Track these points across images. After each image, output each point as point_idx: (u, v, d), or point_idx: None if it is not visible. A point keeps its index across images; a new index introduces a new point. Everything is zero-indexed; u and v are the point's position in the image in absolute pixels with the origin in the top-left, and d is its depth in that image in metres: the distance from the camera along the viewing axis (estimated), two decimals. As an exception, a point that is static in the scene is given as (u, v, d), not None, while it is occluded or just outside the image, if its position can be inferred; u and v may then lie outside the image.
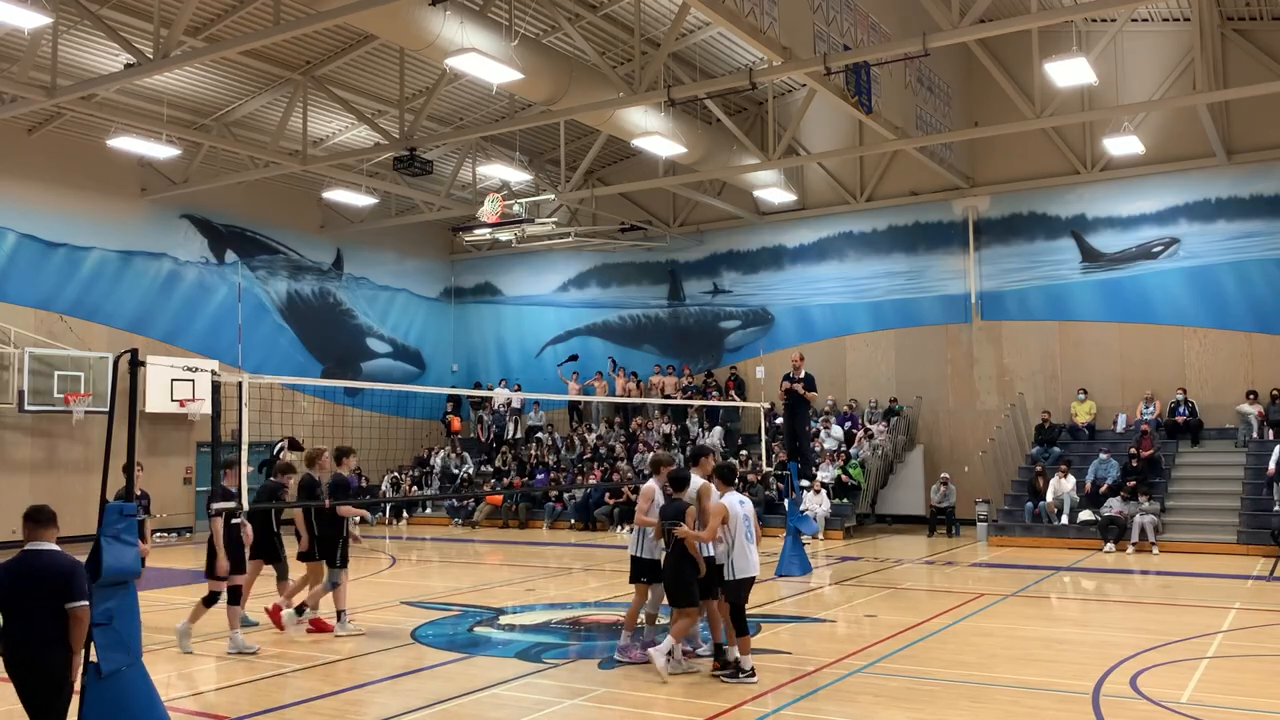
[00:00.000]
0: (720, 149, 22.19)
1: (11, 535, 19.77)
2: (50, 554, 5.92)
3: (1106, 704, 7.95)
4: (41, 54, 17.25)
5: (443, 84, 20.43)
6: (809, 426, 18.90)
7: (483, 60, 15.10)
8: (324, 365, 27.77)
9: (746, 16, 14.10)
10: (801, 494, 17.97)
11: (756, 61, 21.19)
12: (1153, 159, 21.91)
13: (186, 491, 24.17)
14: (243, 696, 8.73)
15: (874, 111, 17.59)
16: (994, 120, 21.24)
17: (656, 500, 9.55)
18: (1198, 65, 18.06)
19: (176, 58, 16.10)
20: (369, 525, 26.10)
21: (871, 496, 23.34)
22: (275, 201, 26.61)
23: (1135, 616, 12.31)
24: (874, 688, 8.60)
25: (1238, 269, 21.60)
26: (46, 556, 5.90)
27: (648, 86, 16.91)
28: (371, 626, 11.82)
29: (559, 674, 9.36)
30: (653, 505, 9.55)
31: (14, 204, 21.63)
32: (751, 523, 8.98)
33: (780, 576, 15.40)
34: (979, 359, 24.12)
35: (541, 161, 27.27)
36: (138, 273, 23.79)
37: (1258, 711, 7.93)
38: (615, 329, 29.17)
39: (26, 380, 20.91)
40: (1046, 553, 18.34)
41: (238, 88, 21.78)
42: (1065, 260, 23.25)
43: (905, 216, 25.08)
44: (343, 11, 13.63)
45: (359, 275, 29.03)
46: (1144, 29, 21.86)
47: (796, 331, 26.16)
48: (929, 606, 12.70)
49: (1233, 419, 21.09)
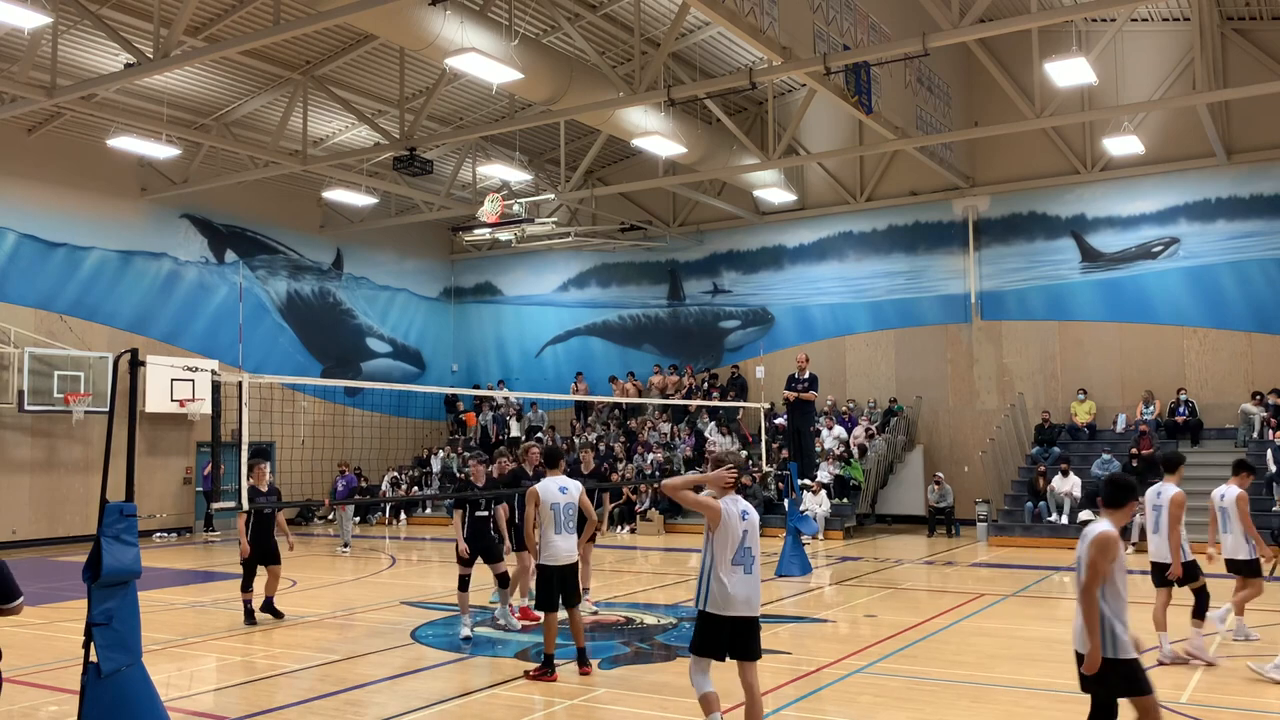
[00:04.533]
0: (720, 149, 22.19)
1: (12, 535, 19.78)
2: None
3: (1106, 704, 7.93)
4: (41, 54, 17.26)
5: (443, 84, 20.43)
6: (812, 426, 18.90)
7: (483, 60, 15.10)
8: (324, 365, 27.78)
9: (746, 16, 14.10)
10: (801, 494, 17.97)
11: (756, 61, 21.19)
12: (1153, 159, 21.92)
13: (186, 491, 24.16)
14: (243, 696, 8.73)
15: (874, 111, 17.58)
16: (994, 120, 21.25)
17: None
18: (1198, 65, 18.06)
19: (176, 58, 16.09)
20: (368, 525, 26.12)
21: (871, 496, 23.34)
22: (275, 201, 26.62)
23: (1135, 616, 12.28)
24: (874, 688, 8.60)
25: (1237, 269, 21.60)
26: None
27: (648, 86, 16.91)
28: (371, 626, 11.83)
29: (559, 674, 9.35)
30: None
31: (14, 204, 21.63)
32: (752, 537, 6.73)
33: (780, 576, 15.41)
34: (979, 359, 24.13)
35: (541, 161, 27.27)
36: (138, 273, 23.79)
37: (1258, 711, 7.93)
38: (615, 329, 29.18)
39: (26, 380, 20.91)
40: (1046, 553, 18.34)
41: (238, 88, 21.78)
42: (1065, 260, 23.25)
43: (905, 216, 25.09)
44: (343, 11, 13.63)
45: (359, 275, 29.04)
46: (1144, 29, 21.87)
47: (796, 331, 26.17)
48: (929, 606, 12.70)
49: (1233, 419, 21.10)
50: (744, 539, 6.57)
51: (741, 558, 6.55)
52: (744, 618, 6.53)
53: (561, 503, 9.08)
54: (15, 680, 8.69)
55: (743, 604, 6.51)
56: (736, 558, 6.53)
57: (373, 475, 27.09)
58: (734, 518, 6.56)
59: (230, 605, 11.73)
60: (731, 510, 6.58)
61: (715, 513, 6.53)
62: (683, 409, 26.39)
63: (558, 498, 9.09)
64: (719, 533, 6.53)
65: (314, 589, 15.08)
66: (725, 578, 6.48)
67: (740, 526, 6.57)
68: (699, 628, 6.60)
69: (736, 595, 6.49)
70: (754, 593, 6.58)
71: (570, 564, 9.17)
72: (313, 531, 24.79)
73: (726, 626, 6.50)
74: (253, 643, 10.97)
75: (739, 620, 6.51)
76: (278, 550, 12.28)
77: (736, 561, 6.53)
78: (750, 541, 6.61)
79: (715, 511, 6.53)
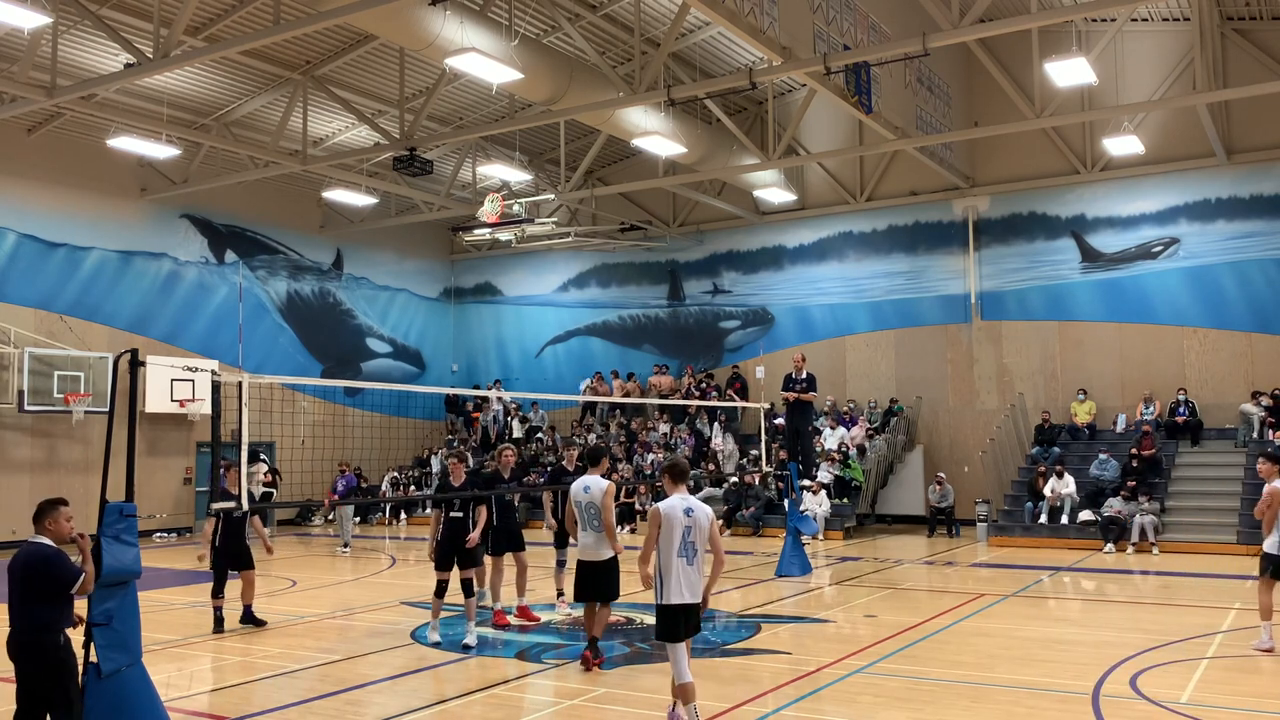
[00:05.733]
0: (720, 149, 22.19)
1: (12, 535, 19.77)
2: (32, 547, 6.22)
3: (1106, 704, 7.94)
4: (41, 54, 17.25)
5: (443, 84, 20.43)
6: (811, 426, 18.89)
7: (483, 60, 15.09)
8: (324, 365, 27.77)
9: (746, 16, 14.10)
10: (801, 494, 17.97)
11: (756, 61, 21.19)
12: (1152, 159, 21.92)
13: (186, 491, 24.16)
14: (243, 696, 8.73)
15: (874, 111, 17.58)
16: (994, 120, 21.25)
17: None
18: (1198, 65, 18.06)
19: (176, 58, 16.09)
20: (368, 525, 26.12)
21: (871, 496, 23.35)
22: (275, 201, 26.61)
23: (1135, 616, 12.31)
24: (874, 688, 8.60)
25: (1237, 269, 21.60)
26: (29, 549, 6.22)
27: (648, 86, 16.91)
28: (371, 626, 11.83)
29: (559, 674, 9.36)
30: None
31: (14, 204, 21.63)
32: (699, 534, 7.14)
33: (780, 576, 15.41)
34: (979, 359, 24.13)
35: (541, 161, 27.27)
36: (138, 273, 23.78)
37: (1257, 711, 7.93)
38: (615, 329, 29.18)
39: (26, 380, 20.90)
40: (1046, 553, 18.35)
41: (238, 88, 21.78)
42: (1065, 260, 23.25)
43: (905, 216, 25.09)
44: (343, 11, 13.63)
45: (359, 275, 29.03)
46: (1144, 29, 21.87)
47: (796, 331, 26.17)
48: (929, 607, 12.69)
49: (1232, 419, 21.10)
50: (686, 534, 7.06)
51: (684, 550, 7.07)
52: (690, 604, 7.10)
53: (584, 501, 9.66)
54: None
55: (688, 591, 7.08)
56: (680, 550, 7.05)
57: (373, 475, 27.09)
58: (676, 513, 7.07)
59: (230, 606, 11.71)
60: (674, 506, 7.11)
61: (656, 515, 7.12)
62: (682, 409, 26.39)
63: (581, 496, 9.70)
64: (663, 531, 7.07)
65: (314, 589, 15.08)
66: (673, 569, 7.05)
67: (683, 522, 7.06)
68: (662, 620, 7.13)
69: (682, 584, 7.04)
70: (695, 582, 7.13)
71: (592, 560, 9.59)
72: (312, 531, 24.80)
73: (681, 613, 7.08)
74: (253, 643, 10.97)
75: (688, 607, 7.09)
76: (250, 554, 11.81)
77: (680, 554, 7.06)
78: (694, 536, 7.09)
79: (656, 515, 7.12)
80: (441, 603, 10.84)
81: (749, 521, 22.28)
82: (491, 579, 11.95)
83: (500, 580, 11.99)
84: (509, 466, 12.06)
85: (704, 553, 7.20)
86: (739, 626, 11.59)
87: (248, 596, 11.80)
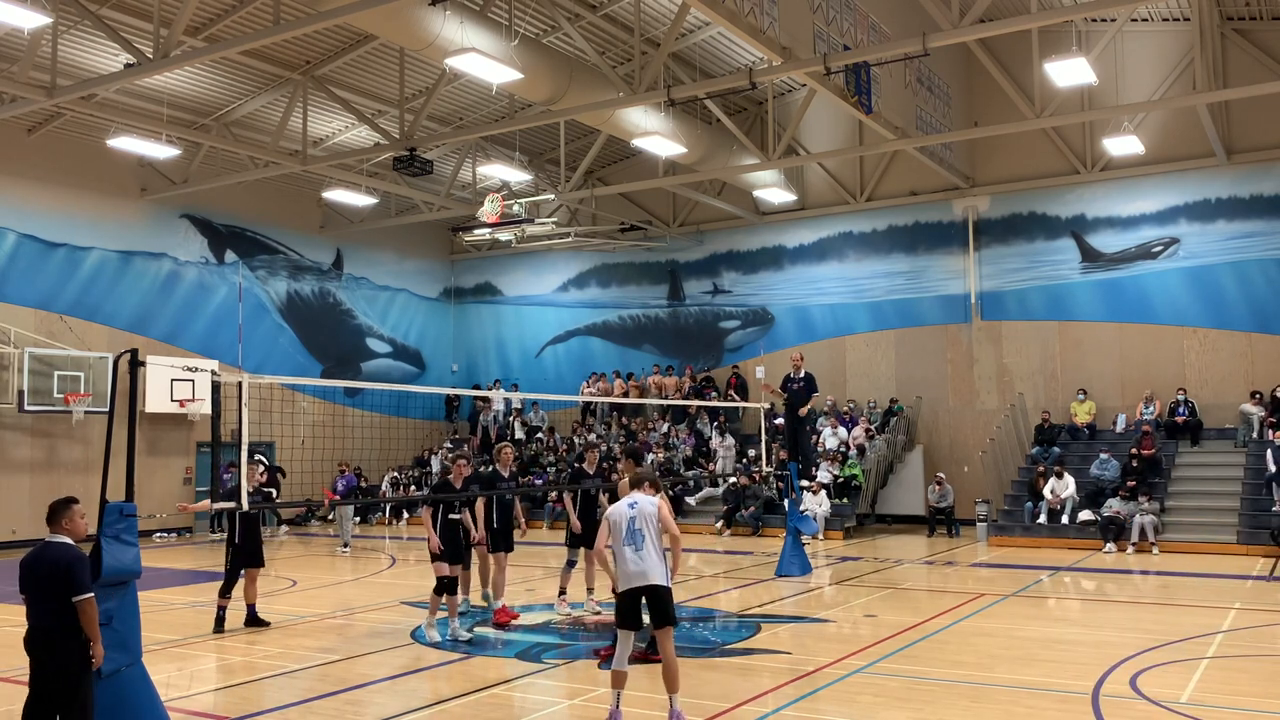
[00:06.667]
0: (720, 149, 22.19)
1: (12, 535, 19.77)
2: (54, 547, 6.06)
3: (1106, 704, 7.94)
4: (41, 54, 17.25)
5: (443, 84, 20.43)
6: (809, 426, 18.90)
7: (483, 60, 15.09)
8: (324, 365, 27.77)
9: (746, 16, 14.10)
10: (801, 494, 17.96)
11: (756, 61, 21.19)
12: (1152, 159, 21.92)
13: (186, 491, 24.12)
14: (243, 696, 8.74)
15: (874, 111, 17.58)
16: (994, 120, 21.25)
17: None
18: (1198, 65, 18.06)
19: (176, 58, 16.09)
20: (368, 525, 26.12)
21: (871, 496, 23.34)
22: (275, 201, 26.62)
23: (1135, 616, 12.31)
24: (874, 688, 8.60)
25: (1237, 269, 21.60)
26: (51, 549, 6.06)
27: (648, 86, 16.91)
28: (371, 626, 11.83)
29: (559, 674, 9.36)
30: None
31: (14, 204, 21.63)
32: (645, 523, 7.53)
33: (780, 576, 15.41)
34: (979, 359, 24.13)
35: (541, 161, 27.27)
36: (138, 273, 23.78)
37: (1257, 711, 7.92)
38: (615, 329, 29.18)
39: (26, 380, 20.90)
40: (1046, 553, 18.34)
41: (238, 88, 21.78)
42: (1065, 260, 23.25)
43: (905, 216, 25.09)
44: (343, 11, 13.63)
45: (359, 275, 29.04)
46: (1144, 29, 21.87)
47: (796, 331, 26.17)
48: (929, 606, 12.70)
49: (1232, 419, 21.10)
50: (631, 524, 7.52)
51: (630, 539, 7.50)
52: (649, 586, 7.39)
53: (630, 517, 9.46)
54: (15, 680, 8.70)
55: (638, 576, 7.40)
56: (625, 539, 7.50)
57: (372, 475, 27.09)
58: (620, 510, 7.62)
59: (232, 606, 11.70)
60: (619, 508, 7.67)
61: (605, 522, 7.77)
62: (683, 410, 26.38)
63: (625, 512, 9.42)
64: (612, 530, 7.62)
65: (314, 589, 15.08)
66: (620, 557, 7.50)
67: (626, 515, 7.57)
68: (615, 607, 7.57)
69: (630, 569, 7.41)
70: (649, 566, 7.41)
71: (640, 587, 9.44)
72: (311, 531, 24.80)
73: (638, 598, 7.40)
74: (253, 643, 10.97)
75: (646, 589, 7.38)
76: (263, 552, 11.99)
77: (626, 542, 7.50)
78: (640, 525, 7.51)
79: (605, 522, 7.77)
80: (440, 600, 10.85)
81: (749, 521, 22.28)
82: (495, 577, 11.96)
83: (504, 578, 11.98)
84: (508, 465, 12.06)
85: (660, 536, 7.54)
86: (739, 626, 11.59)
87: (250, 595, 11.84)
